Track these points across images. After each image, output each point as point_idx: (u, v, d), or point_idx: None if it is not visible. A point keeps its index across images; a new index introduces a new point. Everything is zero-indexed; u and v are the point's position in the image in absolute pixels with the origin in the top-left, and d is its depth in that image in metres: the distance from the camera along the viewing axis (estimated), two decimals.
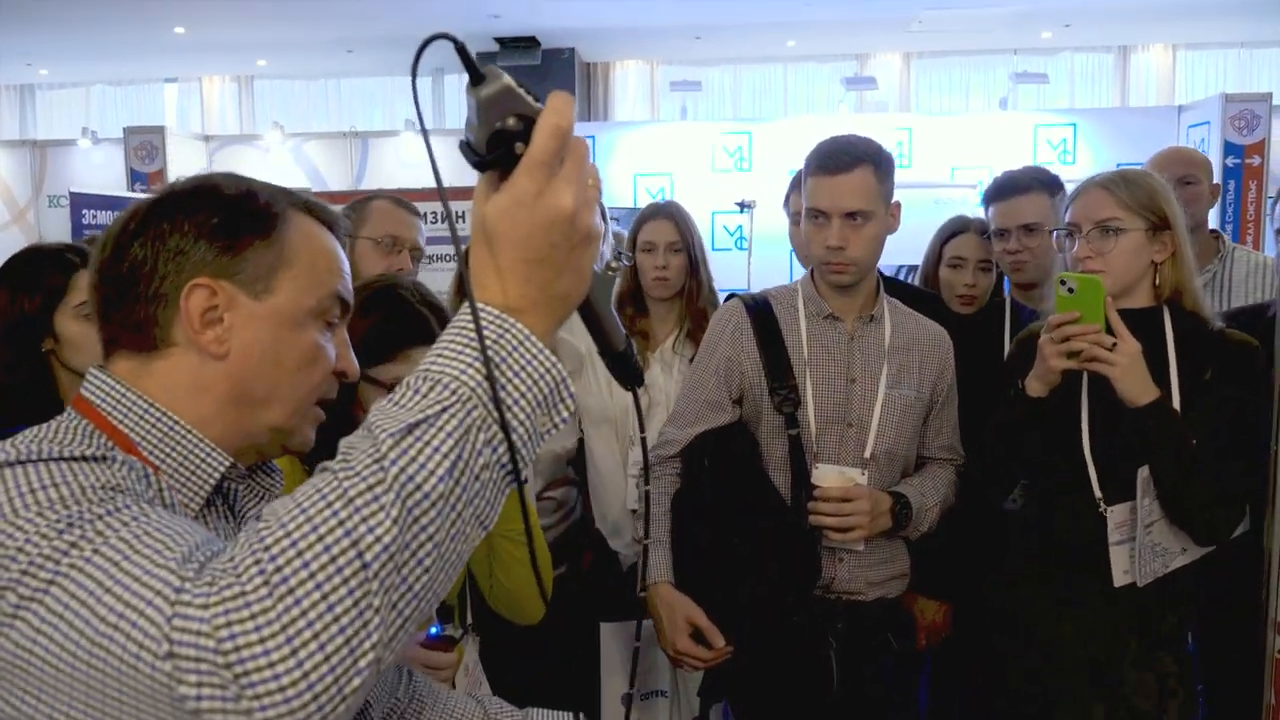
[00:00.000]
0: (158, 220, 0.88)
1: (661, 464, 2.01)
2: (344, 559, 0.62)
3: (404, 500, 0.64)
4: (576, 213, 0.70)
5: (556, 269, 0.72)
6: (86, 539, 0.67)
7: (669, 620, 1.84)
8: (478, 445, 0.68)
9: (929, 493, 2.00)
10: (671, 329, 2.67)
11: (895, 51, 9.48)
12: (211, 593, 0.62)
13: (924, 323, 2.08)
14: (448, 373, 0.69)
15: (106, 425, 0.86)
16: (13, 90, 11.13)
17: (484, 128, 0.70)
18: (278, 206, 0.91)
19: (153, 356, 0.88)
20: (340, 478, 0.65)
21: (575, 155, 0.71)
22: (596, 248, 0.74)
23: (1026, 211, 2.41)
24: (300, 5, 7.59)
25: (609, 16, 8.05)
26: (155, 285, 0.87)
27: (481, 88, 0.70)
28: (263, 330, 0.88)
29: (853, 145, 1.90)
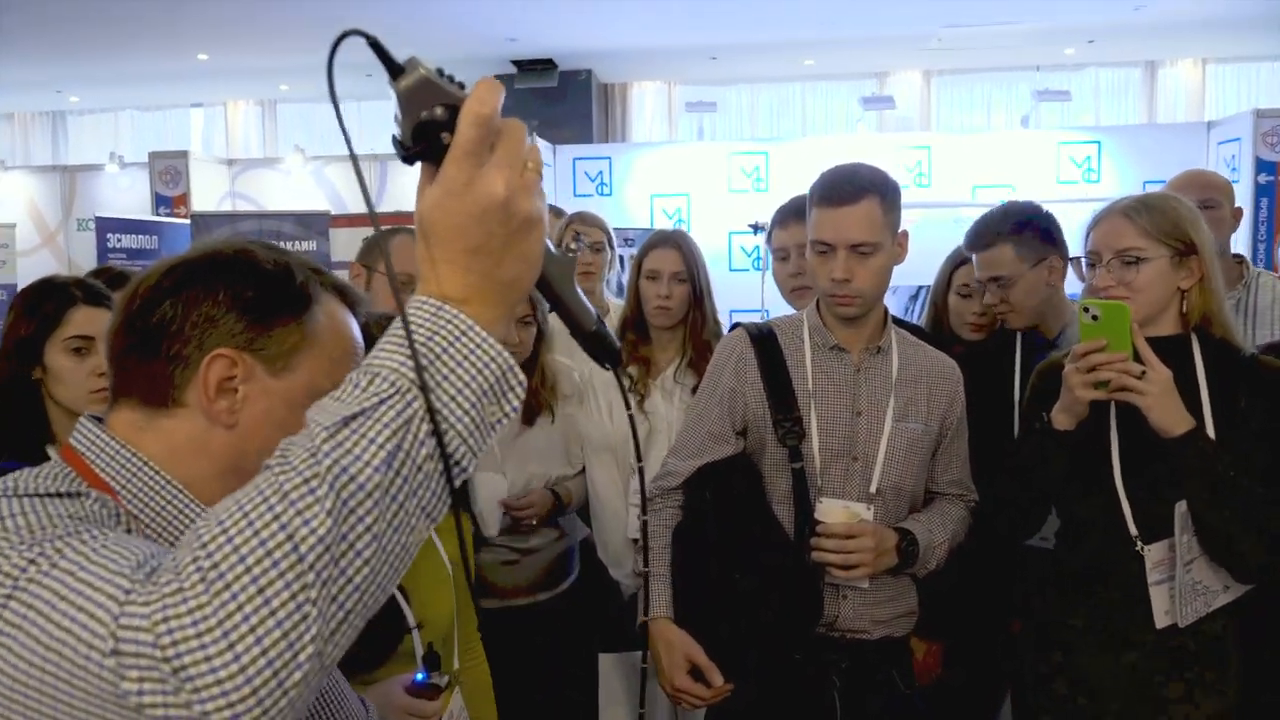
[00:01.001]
0: (192, 283, 0.89)
1: (663, 496, 1.97)
2: (279, 553, 0.62)
3: (338, 492, 0.64)
4: (510, 198, 0.70)
5: (497, 256, 0.71)
6: (45, 556, 0.68)
7: (667, 657, 1.80)
8: (420, 436, 0.67)
9: (937, 529, 1.95)
10: (673, 357, 2.63)
11: (915, 69, 9.43)
12: (153, 591, 0.63)
13: (933, 355, 2.03)
14: (387, 365, 0.68)
15: (90, 475, 0.86)
16: (45, 117, 11.34)
17: (408, 120, 0.70)
18: (311, 288, 0.92)
19: (159, 413, 0.88)
20: (276, 473, 0.65)
21: (508, 140, 0.70)
22: (540, 231, 0.73)
23: (988, 266, 2.36)
24: (320, 31, 7.65)
25: (625, 38, 8.08)
26: (179, 347, 0.87)
27: (401, 80, 0.70)
28: (275, 406, 0.89)
29: (858, 175, 1.85)
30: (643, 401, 2.61)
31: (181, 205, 8.11)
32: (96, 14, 7.14)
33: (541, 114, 8.88)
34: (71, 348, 1.80)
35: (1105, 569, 1.77)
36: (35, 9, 7.03)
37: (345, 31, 0.71)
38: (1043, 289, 2.35)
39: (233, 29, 7.63)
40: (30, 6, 6.96)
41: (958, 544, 1.99)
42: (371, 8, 7.15)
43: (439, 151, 0.69)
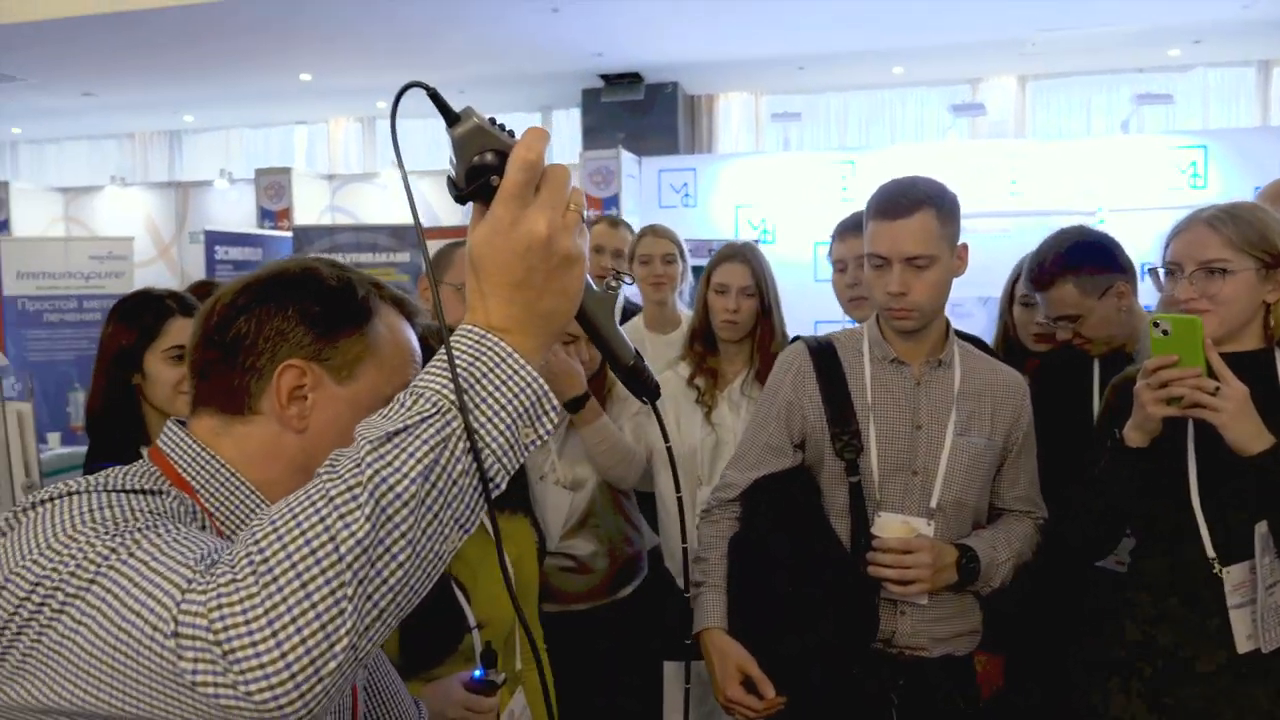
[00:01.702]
0: (264, 300, 0.97)
1: (721, 507, 1.99)
2: (322, 551, 0.68)
3: (377, 500, 0.69)
4: (551, 237, 0.75)
5: (538, 290, 0.77)
6: (125, 546, 0.75)
7: (720, 667, 1.82)
8: (456, 453, 0.73)
9: (1001, 546, 1.91)
10: (741, 369, 2.65)
11: (1009, 74, 9.19)
12: (211, 581, 0.69)
13: (998, 368, 2.00)
14: (431, 387, 0.74)
15: (173, 474, 0.94)
16: (163, 136, 12.00)
17: (462, 164, 0.77)
18: (371, 302, 1.00)
19: (236, 419, 0.96)
20: (324, 480, 0.71)
21: (551, 184, 0.77)
22: (580, 269, 0.79)
23: (1055, 305, 2.28)
24: (416, 50, 7.94)
25: (711, 50, 8.10)
26: (253, 359, 0.95)
27: (456, 127, 0.77)
28: (341, 411, 0.96)
29: (914, 188, 1.84)
30: (710, 413, 2.63)
31: (285, 219, 8.48)
32: (211, 40, 7.54)
33: (628, 126, 8.98)
34: (171, 356, 1.93)
35: (1182, 591, 1.72)
36: (156, 37, 7.46)
37: (408, 84, 0.79)
38: (1115, 316, 2.27)
39: (333, 51, 7.95)
40: (152, 35, 7.40)
41: (1024, 562, 1.95)
42: (463, 28, 7.37)
43: (489, 193, 0.76)
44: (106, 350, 1.96)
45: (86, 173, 11.84)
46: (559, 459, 2.45)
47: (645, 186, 8.23)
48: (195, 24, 7.09)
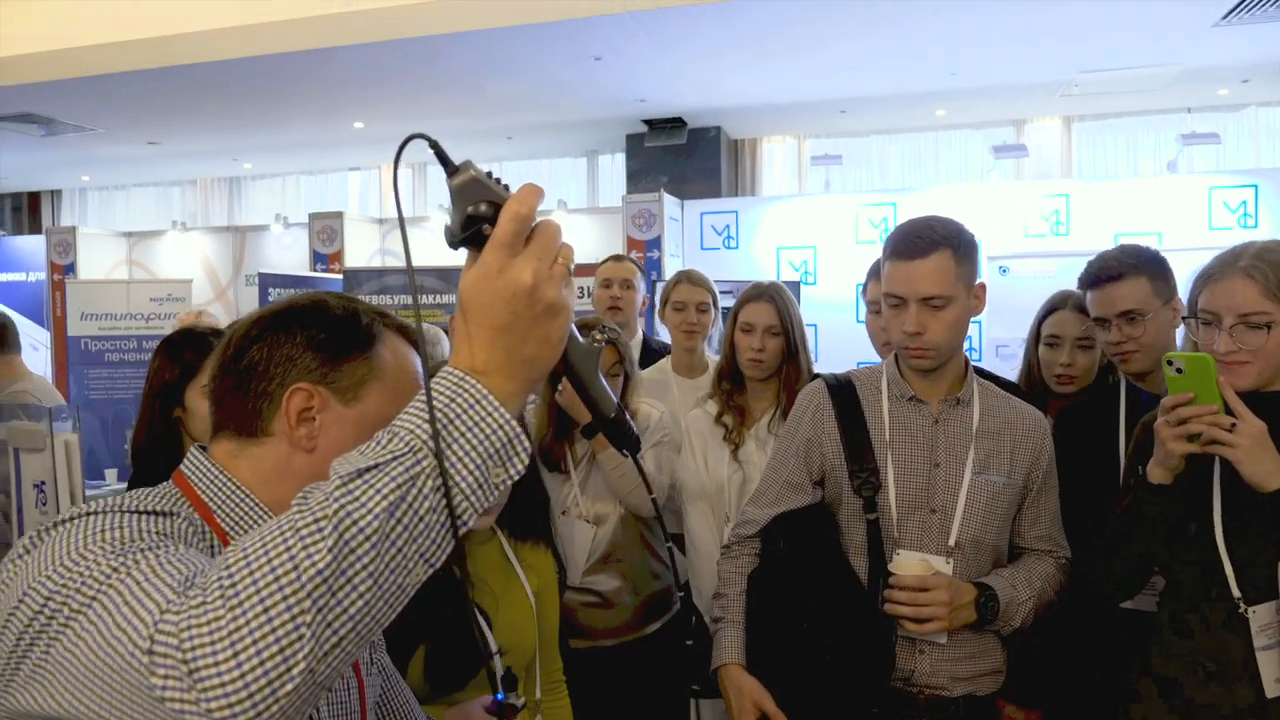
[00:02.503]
0: (275, 329, 1.04)
1: (740, 543, 2.02)
2: (286, 579, 0.72)
3: (340, 533, 0.73)
4: (536, 286, 0.79)
5: (521, 335, 0.80)
6: (125, 565, 0.80)
7: (736, 703, 1.83)
8: (424, 490, 0.76)
9: (1021, 585, 1.90)
10: (768, 407, 2.68)
11: (1054, 115, 9.16)
12: (185, 603, 0.73)
13: (1018, 406, 2.01)
14: (406, 426, 0.78)
15: (193, 495, 1.02)
16: (223, 182, 12.42)
17: (458, 212, 0.81)
18: (375, 329, 1.06)
19: (250, 442, 1.03)
20: (294, 512, 0.75)
21: (541, 237, 0.81)
22: (564, 318, 0.82)
23: (1123, 299, 2.20)
24: (464, 98, 8.16)
25: (754, 95, 8.21)
26: (265, 384, 1.02)
27: (455, 178, 0.82)
28: (347, 432, 1.02)
29: (930, 229, 1.87)
30: (737, 451, 2.66)
31: (336, 261, 8.71)
32: (269, 90, 7.84)
33: (671, 170, 9.10)
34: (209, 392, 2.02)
35: (1209, 632, 1.70)
36: (218, 88, 7.78)
37: (410, 136, 0.85)
38: (1169, 331, 2.23)
39: (385, 100, 8.21)
40: (214, 86, 7.71)
41: (1046, 602, 1.94)
42: (510, 78, 7.58)
43: (482, 240, 0.80)
44: (152, 385, 2.06)
45: (151, 218, 12.29)
46: (581, 494, 2.50)
47: (688, 229, 8.32)
48: (255, 75, 7.38)
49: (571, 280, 0.83)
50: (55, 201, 13.13)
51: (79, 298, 7.88)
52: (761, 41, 6.82)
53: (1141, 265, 2.21)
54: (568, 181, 10.56)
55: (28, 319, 8.15)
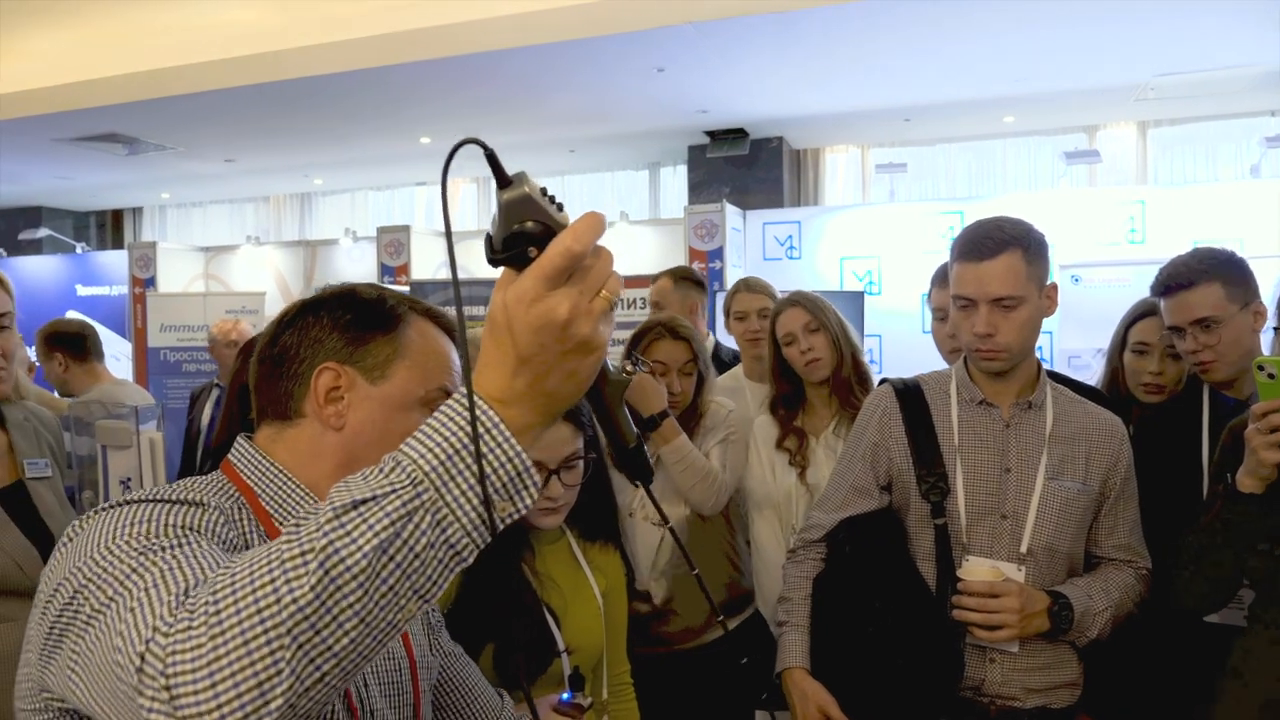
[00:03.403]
0: (304, 315, 1.09)
1: (806, 547, 2.00)
2: (267, 611, 0.69)
3: (326, 569, 0.70)
4: (570, 321, 0.74)
5: (545, 368, 0.75)
6: (143, 565, 0.81)
7: (801, 707, 1.81)
8: (422, 525, 0.72)
9: (1098, 595, 1.85)
10: (831, 416, 2.66)
11: (1129, 121, 8.92)
12: (174, 624, 0.72)
13: (1094, 411, 1.96)
14: (409, 455, 0.74)
15: (238, 480, 1.06)
16: (294, 198, 12.75)
17: (503, 227, 0.76)
18: (400, 310, 1.09)
19: (286, 426, 1.08)
20: (285, 540, 0.72)
21: (590, 274, 0.75)
22: (598, 356, 0.77)
23: (1197, 306, 2.10)
24: (528, 111, 8.26)
25: (816, 104, 8.15)
26: (295, 366, 1.06)
27: (507, 191, 0.76)
28: (375, 410, 1.05)
29: (999, 229, 1.84)
30: (804, 473, 2.63)
31: (403, 274, 8.87)
32: (339, 107, 8.04)
33: (733, 181, 9.09)
34: None
35: None
36: (291, 107, 8.01)
37: (464, 140, 0.79)
38: (1248, 337, 2.13)
39: (450, 114, 8.35)
40: (287, 105, 7.94)
41: (1125, 613, 1.88)
42: (572, 91, 7.66)
43: (523, 262, 0.74)
44: (232, 387, 2.12)
45: (226, 233, 12.67)
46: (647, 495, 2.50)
47: (750, 240, 8.29)
48: (326, 92, 7.58)
49: (612, 315, 0.77)
50: (136, 218, 13.64)
51: (159, 310, 8.15)
52: (824, 50, 6.78)
53: (1214, 270, 2.11)
54: (629, 193, 10.61)
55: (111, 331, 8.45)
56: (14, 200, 12.14)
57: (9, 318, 1.89)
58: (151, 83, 7.66)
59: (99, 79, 7.78)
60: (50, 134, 8.70)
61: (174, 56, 7.45)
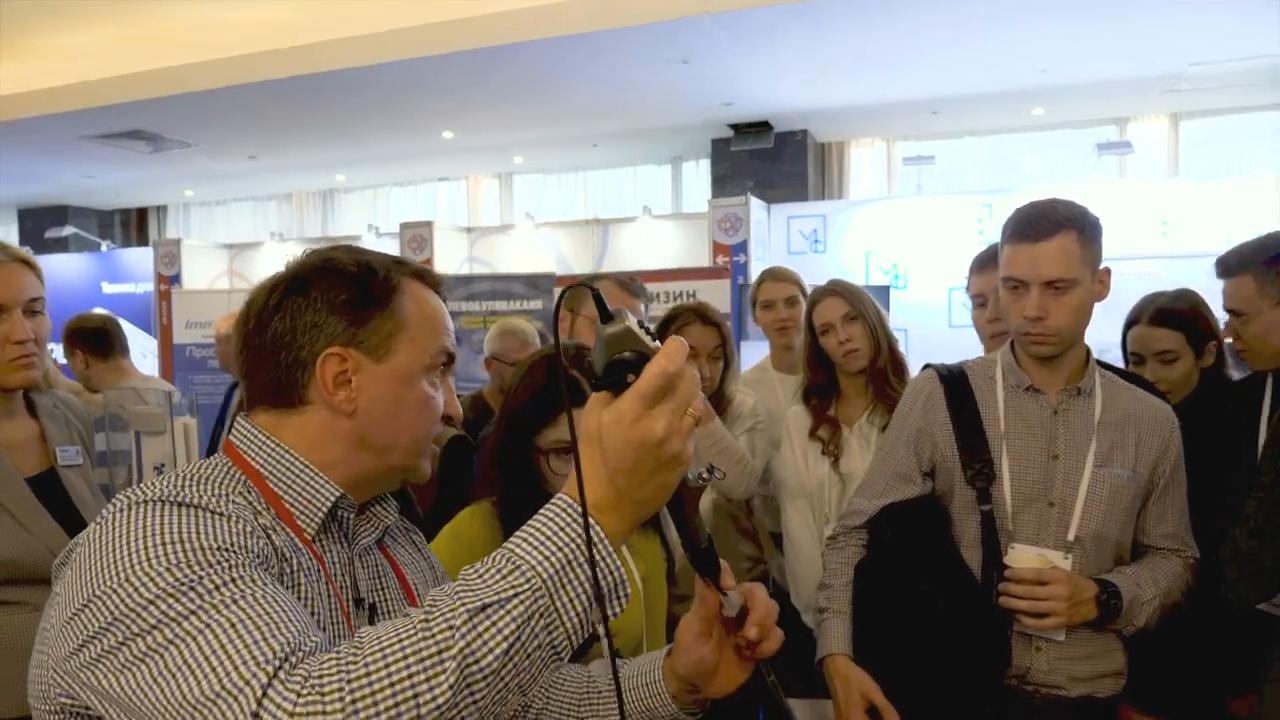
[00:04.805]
0: (291, 297, 1.02)
1: (847, 534, 1.96)
2: (405, 706, 0.74)
3: (463, 670, 0.76)
4: (666, 439, 0.82)
5: (641, 481, 0.83)
6: (203, 609, 0.80)
7: (844, 694, 1.77)
8: (536, 629, 0.79)
9: (1146, 584, 1.81)
10: (865, 406, 2.62)
11: (1160, 113, 8.79)
12: (298, 703, 0.73)
13: (1144, 398, 1.91)
14: (527, 560, 0.80)
15: (243, 463, 1.02)
16: (316, 196, 12.81)
17: (604, 355, 0.85)
18: (394, 278, 1.04)
19: (289, 413, 1.03)
20: (419, 635, 0.76)
21: (679, 392, 0.83)
22: (682, 469, 0.86)
23: (1228, 297, 2.18)
24: (551, 106, 8.25)
25: (842, 96, 8.09)
26: (294, 354, 1.01)
27: (609, 326, 0.86)
28: (384, 388, 1.02)
29: (1054, 210, 1.80)
30: (837, 463, 2.59)
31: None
32: (361, 102, 8.06)
33: (757, 175, 9.03)
34: None
35: None
36: (313, 102, 8.03)
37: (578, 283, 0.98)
38: None
39: (472, 109, 8.35)
40: (309, 100, 7.97)
41: (1172, 603, 1.83)
42: (596, 84, 7.63)
43: (621, 386, 0.84)
44: None
45: (249, 231, 12.73)
46: None
47: (774, 234, 8.23)
48: (348, 87, 7.59)
49: (696, 431, 0.85)
50: (160, 216, 13.74)
51: (184, 307, 8.20)
52: (850, 42, 6.72)
53: (1256, 264, 2.14)
54: (652, 189, 10.57)
55: (137, 327, 8.51)
56: (40, 199, 12.26)
57: (40, 303, 1.87)
58: (174, 79, 7.69)
59: (122, 75, 7.82)
60: (74, 132, 8.76)
61: (196, 53, 7.48)
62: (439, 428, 1.08)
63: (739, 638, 1.07)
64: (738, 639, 1.07)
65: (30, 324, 1.81)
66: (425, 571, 1.20)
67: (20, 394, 1.92)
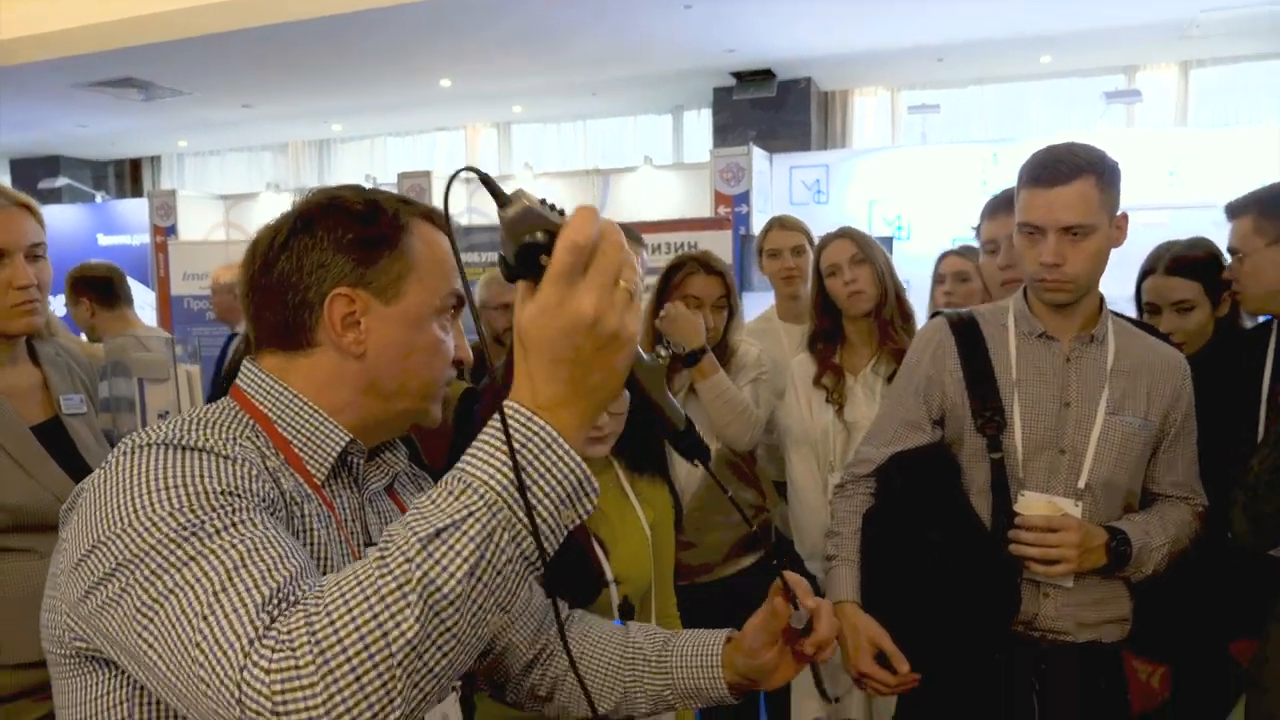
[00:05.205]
0: (298, 236, 1.00)
1: (855, 482, 1.95)
2: (375, 648, 0.71)
3: (426, 600, 0.72)
4: (599, 318, 0.75)
5: (585, 368, 0.77)
6: (202, 555, 0.79)
7: (852, 641, 1.78)
8: (501, 544, 0.75)
9: (1155, 531, 1.80)
10: (870, 354, 2.60)
11: (1170, 62, 8.66)
12: (273, 659, 0.72)
13: (1156, 346, 1.89)
14: (478, 476, 0.75)
15: (251, 408, 1.00)
16: (312, 145, 12.67)
17: (513, 243, 0.78)
18: (402, 218, 1.01)
19: (297, 354, 1.01)
20: (377, 573, 0.73)
21: (601, 263, 0.76)
22: (630, 348, 0.79)
23: (1231, 235, 2.17)
24: (551, 54, 8.11)
25: (846, 42, 7.96)
26: (301, 294, 0.99)
27: (507, 209, 0.78)
28: (394, 331, 0.99)
29: (1072, 154, 1.76)
30: (841, 410, 2.59)
31: None
32: (359, 47, 7.93)
33: (759, 124, 8.92)
34: None
35: None
36: (308, 48, 7.90)
37: (459, 170, 0.83)
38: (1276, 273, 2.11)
39: (471, 56, 8.22)
40: (304, 46, 7.83)
41: (1180, 550, 1.83)
42: (596, 31, 7.49)
43: (538, 271, 0.76)
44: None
45: (244, 181, 12.62)
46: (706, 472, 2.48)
47: (777, 184, 8.15)
48: (344, 33, 7.46)
49: (636, 303, 0.79)
50: (154, 167, 13.60)
51: (181, 258, 8.12)
52: None
53: (1256, 203, 2.13)
54: (652, 138, 10.45)
55: (135, 280, 8.45)
56: (32, 149, 12.12)
57: (42, 248, 1.84)
58: (166, 24, 7.55)
59: (113, 21, 7.67)
60: (66, 79, 8.63)
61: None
62: (450, 372, 1.06)
63: (801, 645, 1.11)
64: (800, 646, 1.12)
65: (32, 269, 1.78)
66: None
67: (23, 341, 1.89)
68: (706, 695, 1.18)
